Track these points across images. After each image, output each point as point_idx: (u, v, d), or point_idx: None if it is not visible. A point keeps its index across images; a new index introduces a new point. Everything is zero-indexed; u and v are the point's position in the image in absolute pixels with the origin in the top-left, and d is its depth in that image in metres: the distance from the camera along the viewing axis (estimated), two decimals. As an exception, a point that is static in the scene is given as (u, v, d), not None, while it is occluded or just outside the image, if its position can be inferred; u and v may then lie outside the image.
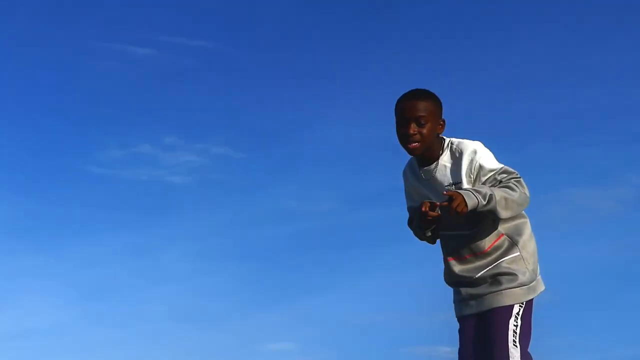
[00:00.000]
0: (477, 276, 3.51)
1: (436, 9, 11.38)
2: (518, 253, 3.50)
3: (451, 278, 3.61)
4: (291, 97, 11.47)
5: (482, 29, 11.33)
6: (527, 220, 3.58)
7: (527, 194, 3.43)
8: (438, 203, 3.39)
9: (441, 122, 3.53)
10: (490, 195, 3.32)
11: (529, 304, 3.50)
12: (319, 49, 11.52)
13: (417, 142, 3.47)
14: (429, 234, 3.53)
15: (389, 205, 8.29)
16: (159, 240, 10.97)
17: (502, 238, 3.52)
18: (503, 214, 3.38)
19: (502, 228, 3.52)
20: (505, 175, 3.44)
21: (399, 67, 11.23)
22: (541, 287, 3.55)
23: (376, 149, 9.96)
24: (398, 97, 3.57)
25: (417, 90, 3.54)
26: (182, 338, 9.88)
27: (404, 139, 3.49)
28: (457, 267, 3.56)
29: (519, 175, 3.45)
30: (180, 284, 10.67)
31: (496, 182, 3.44)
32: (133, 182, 11.27)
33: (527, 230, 3.56)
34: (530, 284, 3.49)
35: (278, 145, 11.40)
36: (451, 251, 3.58)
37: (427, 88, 3.57)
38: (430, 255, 3.74)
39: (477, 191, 3.33)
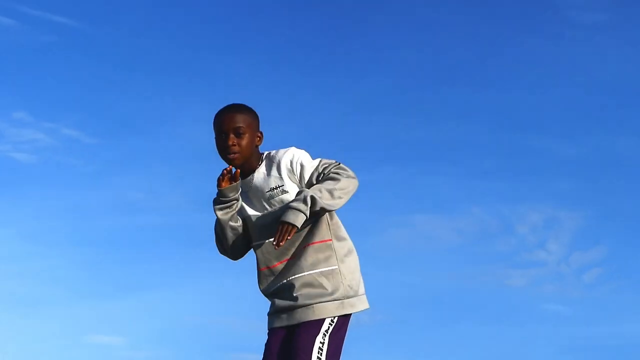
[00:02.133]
0: (290, 287, 3.47)
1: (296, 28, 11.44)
2: (335, 267, 3.48)
3: (266, 289, 3.58)
4: (151, 88, 11.28)
5: (338, 49, 11.46)
6: (347, 237, 3.58)
7: (353, 175, 3.47)
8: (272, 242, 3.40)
9: (259, 135, 3.60)
10: (311, 196, 3.34)
11: (342, 321, 3.46)
12: (183, 41, 11.37)
13: (236, 153, 3.52)
14: (223, 215, 3.54)
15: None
16: (-6, 216, 10.56)
17: (319, 249, 3.49)
18: (337, 203, 3.40)
19: (318, 239, 3.50)
20: (326, 166, 3.49)
21: (260, 72, 11.22)
22: (360, 306, 3.51)
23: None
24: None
25: (235, 104, 3.61)
26: (1, 322, 9.53)
27: (223, 150, 3.54)
28: (271, 277, 3.54)
29: (338, 162, 3.50)
30: (12, 265, 10.30)
31: (320, 175, 3.48)
32: (-27, 153, 10.84)
33: (347, 246, 3.55)
34: (345, 300, 3.46)
35: (131, 135, 11.17)
36: (266, 260, 3.55)
37: (244, 102, 3.64)
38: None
39: (295, 201, 3.35)
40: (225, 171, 3.51)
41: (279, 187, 3.50)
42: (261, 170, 3.57)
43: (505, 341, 9.63)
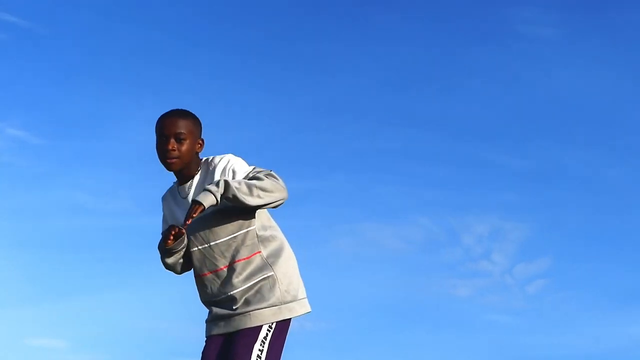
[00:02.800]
0: (227, 294, 3.45)
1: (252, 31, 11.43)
2: (272, 273, 3.46)
3: (204, 296, 3.56)
4: (99, 89, 11.17)
5: (289, 55, 11.47)
6: (284, 241, 3.57)
7: (282, 184, 3.42)
8: (184, 230, 3.39)
9: (200, 142, 3.58)
10: (225, 181, 3.32)
11: (281, 327, 3.44)
12: (131, 44, 11.29)
13: (176, 157, 3.50)
14: (172, 260, 3.54)
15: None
16: None
17: (249, 262, 3.47)
18: (250, 200, 3.34)
19: (247, 254, 3.47)
20: (258, 172, 3.46)
21: (209, 78, 11.18)
22: (300, 310, 3.49)
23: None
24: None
25: (178, 109, 3.59)
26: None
27: (163, 154, 3.51)
28: (209, 284, 3.52)
29: (270, 170, 3.47)
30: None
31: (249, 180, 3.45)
32: None
33: (283, 250, 3.53)
34: (283, 305, 3.44)
35: (80, 137, 11.05)
36: (203, 267, 3.53)
37: (187, 108, 3.62)
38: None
39: (209, 184, 3.35)
40: (172, 233, 3.41)
41: None
42: (198, 177, 3.56)
43: (449, 350, 9.70)
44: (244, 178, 3.45)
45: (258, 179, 3.40)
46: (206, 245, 3.51)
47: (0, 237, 10.39)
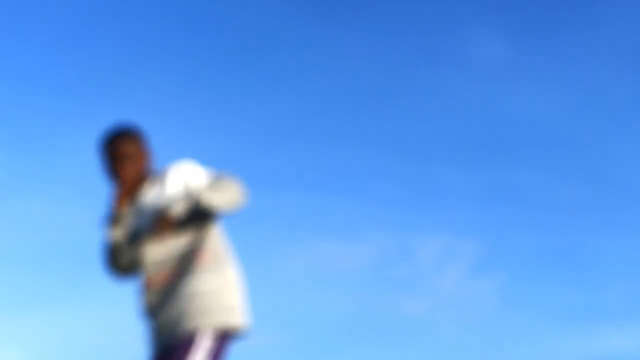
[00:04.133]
0: (165, 308, 3.39)
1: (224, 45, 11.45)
2: (215, 281, 3.39)
3: (143, 306, 3.48)
4: (53, 104, 11.10)
5: (245, 71, 11.50)
6: (226, 255, 3.48)
7: (241, 188, 3.39)
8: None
9: (145, 153, 3.58)
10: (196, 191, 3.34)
11: (219, 341, 3.34)
12: (84, 58, 11.25)
13: (124, 177, 3.50)
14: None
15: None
16: None
17: (194, 268, 3.40)
18: (216, 204, 3.30)
19: (194, 257, 3.42)
20: (216, 175, 3.45)
21: (164, 91, 11.17)
22: (239, 321, 3.39)
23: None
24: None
25: (117, 128, 3.57)
26: None
27: (111, 176, 3.53)
28: (147, 293, 3.46)
29: (230, 173, 3.46)
30: None
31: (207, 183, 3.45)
32: None
33: (224, 264, 3.45)
34: (222, 314, 3.35)
35: (36, 151, 10.97)
36: (145, 271, 3.46)
37: (129, 123, 3.62)
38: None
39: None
40: (122, 192, 3.48)
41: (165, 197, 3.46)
42: (151, 185, 3.53)
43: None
44: (202, 181, 3.44)
45: (218, 183, 3.37)
46: (143, 250, 3.47)
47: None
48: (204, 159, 3.59)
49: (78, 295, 9.87)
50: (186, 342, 3.30)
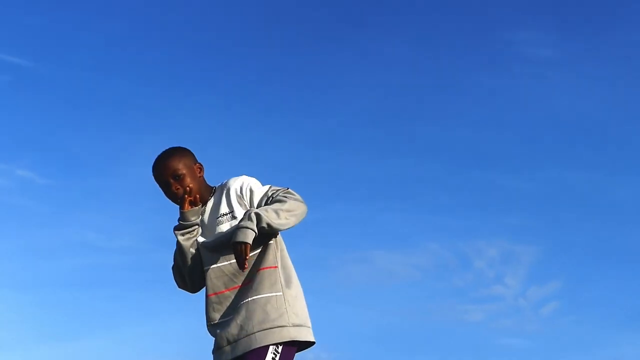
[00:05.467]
0: (234, 317, 3.44)
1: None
2: (280, 293, 3.46)
3: (211, 318, 3.54)
4: (105, 127, 11.23)
5: (295, 86, 11.52)
6: (292, 268, 3.57)
7: (300, 199, 3.51)
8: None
9: (198, 167, 3.66)
10: (256, 213, 3.38)
11: (287, 351, 3.40)
12: (136, 79, 11.36)
13: (184, 194, 3.58)
14: (186, 243, 3.56)
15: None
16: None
17: (264, 275, 3.48)
18: (283, 224, 3.42)
19: (265, 265, 3.49)
20: (275, 191, 3.54)
21: (214, 110, 11.22)
22: (306, 336, 3.46)
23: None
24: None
25: (162, 153, 3.67)
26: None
27: (173, 198, 3.62)
28: (217, 305, 3.52)
29: (287, 188, 3.55)
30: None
31: (268, 199, 3.52)
32: None
33: (292, 276, 3.54)
34: (291, 327, 3.41)
35: (86, 174, 11.10)
36: (214, 286, 3.53)
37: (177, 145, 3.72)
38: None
39: (241, 221, 3.40)
40: (186, 196, 3.56)
41: (228, 213, 3.54)
42: (212, 200, 3.62)
43: (464, 376, 9.64)
44: (263, 197, 3.52)
45: (279, 200, 3.47)
46: (215, 266, 3.54)
47: (10, 277, 10.41)
48: (259, 173, 3.65)
49: (133, 318, 9.93)
50: (254, 352, 3.36)
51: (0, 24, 11.40)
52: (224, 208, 3.55)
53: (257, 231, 3.36)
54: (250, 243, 3.34)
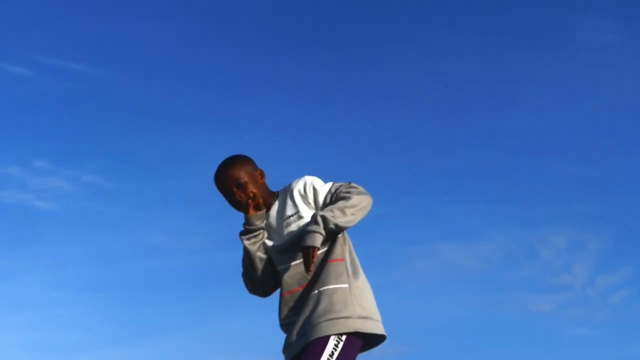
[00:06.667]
0: (304, 310, 3.48)
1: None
2: (346, 285, 3.48)
3: (284, 317, 3.58)
4: (168, 130, 11.37)
5: (355, 80, 11.50)
6: (358, 261, 3.58)
7: (364, 191, 3.53)
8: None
9: (259, 173, 3.70)
10: (322, 216, 3.42)
11: (350, 341, 3.41)
12: (198, 83, 11.46)
13: (248, 203, 3.62)
14: (252, 247, 3.60)
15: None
16: (18, 266, 10.62)
17: (331, 267, 3.50)
18: (350, 220, 3.45)
19: (332, 257, 3.52)
20: (338, 187, 3.57)
21: (275, 110, 11.27)
22: (373, 328, 3.46)
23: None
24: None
25: (222, 162, 3.70)
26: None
27: (238, 206, 3.66)
28: (291, 303, 3.56)
29: (350, 182, 3.58)
30: (36, 313, 10.33)
31: (332, 196, 3.55)
32: (-3, 204, 10.93)
33: (358, 269, 3.56)
34: (356, 319, 3.42)
35: (152, 177, 11.25)
36: (288, 285, 3.57)
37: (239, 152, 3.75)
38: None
39: (309, 225, 3.44)
40: (250, 201, 3.60)
41: (294, 214, 3.57)
42: (277, 204, 3.66)
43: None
44: (327, 194, 3.55)
45: (343, 198, 3.49)
46: (288, 266, 3.58)
47: (80, 281, 10.60)
48: (319, 173, 3.69)
49: (202, 319, 10.02)
50: (316, 341, 3.39)
51: (64, 32, 11.63)
52: (289, 210, 3.59)
53: (324, 234, 3.40)
54: (319, 247, 3.39)
